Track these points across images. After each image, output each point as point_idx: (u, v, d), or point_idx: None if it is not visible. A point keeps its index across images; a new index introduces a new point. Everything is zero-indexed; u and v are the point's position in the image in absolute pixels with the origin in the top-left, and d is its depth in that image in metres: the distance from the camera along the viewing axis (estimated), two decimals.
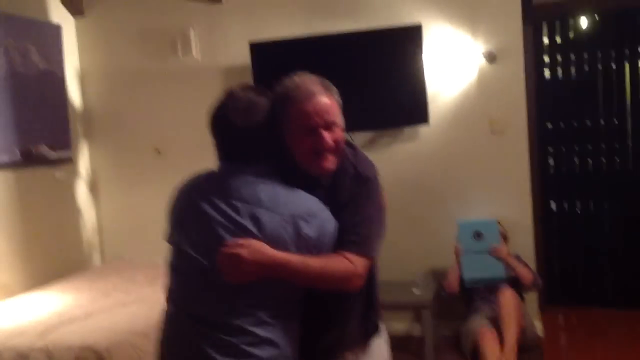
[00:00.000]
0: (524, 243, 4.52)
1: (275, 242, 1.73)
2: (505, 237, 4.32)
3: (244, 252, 1.73)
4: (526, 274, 4.13)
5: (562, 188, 5.16)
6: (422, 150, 4.69)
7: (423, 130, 4.65)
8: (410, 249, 4.70)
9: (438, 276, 4.51)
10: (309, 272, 1.80)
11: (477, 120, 4.58)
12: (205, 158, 4.62)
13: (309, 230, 1.77)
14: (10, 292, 4.13)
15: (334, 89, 1.95)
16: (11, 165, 4.32)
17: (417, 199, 4.71)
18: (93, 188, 5.20)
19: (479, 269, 4.17)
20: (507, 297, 3.97)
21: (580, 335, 4.60)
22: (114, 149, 5.21)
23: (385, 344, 2.20)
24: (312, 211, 1.81)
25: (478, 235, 4.19)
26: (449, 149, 4.65)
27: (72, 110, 5.01)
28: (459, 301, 4.31)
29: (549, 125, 5.10)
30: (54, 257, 4.62)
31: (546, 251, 4.95)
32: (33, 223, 4.47)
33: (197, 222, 1.80)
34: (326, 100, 1.89)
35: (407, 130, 4.68)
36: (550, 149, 5.14)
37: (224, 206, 1.76)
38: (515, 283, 4.13)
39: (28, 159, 4.42)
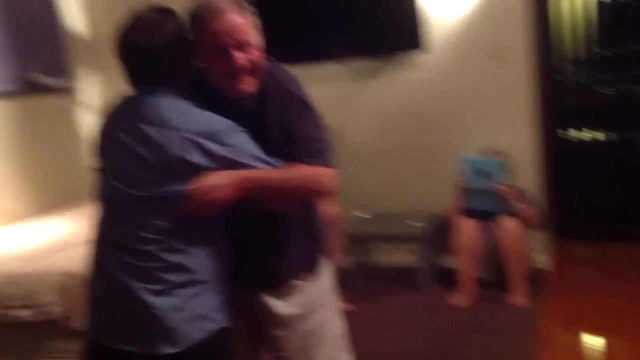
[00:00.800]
0: (528, 175, 4.43)
1: (182, 162, 1.71)
2: (508, 170, 4.25)
3: (216, 180, 1.74)
4: (528, 213, 4.08)
5: (581, 117, 4.93)
6: (421, 79, 4.58)
7: (423, 58, 4.52)
8: (409, 181, 4.66)
9: (436, 207, 4.46)
10: (279, 182, 1.82)
11: (480, 46, 4.43)
12: None
13: (216, 149, 1.74)
14: (12, 219, 4.24)
15: (249, 7, 1.87)
16: (8, 94, 4.35)
17: (416, 129, 4.64)
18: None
19: (479, 202, 4.13)
20: (508, 228, 3.96)
21: (592, 270, 4.54)
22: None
23: (328, 272, 2.20)
24: (219, 129, 1.77)
25: (481, 172, 4.12)
26: (450, 76, 4.53)
27: (77, 38, 4.99)
28: None
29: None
30: (55, 185, 4.69)
31: (560, 183, 4.79)
32: (35, 151, 4.52)
33: (113, 149, 1.81)
34: (237, 18, 1.81)
35: (406, 58, 4.56)
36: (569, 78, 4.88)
37: (133, 130, 1.75)
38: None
39: (26, 87, 4.44)
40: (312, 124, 1.93)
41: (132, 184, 1.75)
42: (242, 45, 1.82)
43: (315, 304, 2.11)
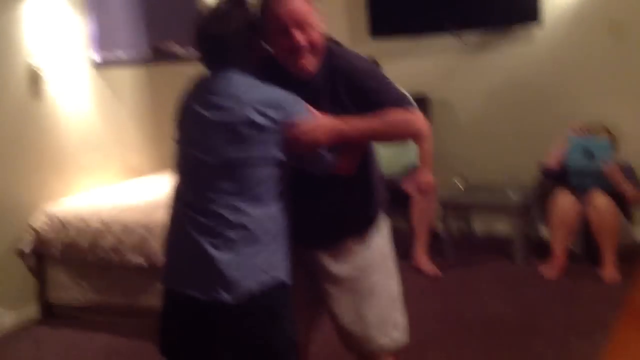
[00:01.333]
0: (636, 152, 4.34)
1: (246, 124, 1.92)
2: (615, 149, 4.19)
3: (320, 120, 1.98)
4: (631, 192, 4.04)
5: None
6: (534, 51, 4.58)
7: (537, 31, 4.51)
8: (512, 152, 4.72)
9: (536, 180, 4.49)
10: (373, 125, 2.02)
11: (596, 21, 4.37)
12: None
13: (275, 114, 1.93)
14: (138, 173, 4.75)
15: None
16: (141, 61, 4.82)
17: (525, 102, 4.66)
18: None
19: (583, 181, 4.15)
20: (600, 204, 3.96)
21: None
22: None
23: (384, 237, 2.34)
24: (278, 98, 1.96)
25: (588, 153, 4.11)
26: (564, 51, 4.51)
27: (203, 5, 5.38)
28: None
29: None
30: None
31: None
32: (161, 114, 4.98)
33: (189, 121, 2.06)
34: (298, 3, 2.00)
35: (520, 32, 4.57)
36: None
37: (205, 102, 2.01)
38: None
39: (157, 55, 4.89)
40: (386, 83, 2.11)
41: (204, 150, 2.00)
42: (302, 26, 2.00)
43: (368, 266, 2.25)
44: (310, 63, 2.04)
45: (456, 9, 4.60)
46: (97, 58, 4.57)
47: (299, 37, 2.00)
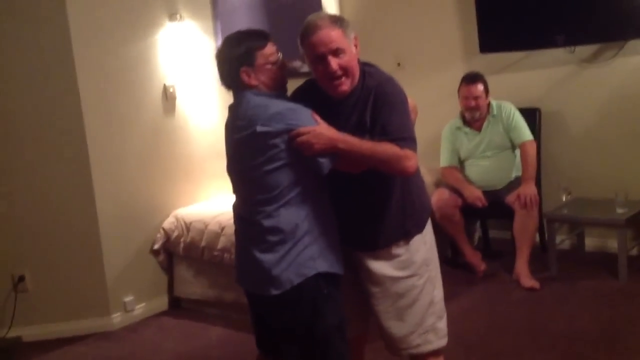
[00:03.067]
0: None
1: (257, 137, 2.21)
2: None
3: (321, 130, 2.20)
4: None
5: None
6: None
7: None
8: (622, 167, 4.63)
9: None
10: (363, 148, 2.22)
11: None
12: (440, 72, 5.07)
13: (281, 126, 2.19)
14: None
15: (343, 21, 2.27)
16: None
17: (637, 115, 4.54)
18: None
19: None
20: None
21: None
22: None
23: (427, 243, 2.50)
24: (283, 110, 2.22)
25: None
26: None
27: None
28: None
29: None
30: None
31: None
32: None
33: (228, 144, 2.40)
34: (329, 31, 2.22)
35: (633, 43, 4.48)
36: None
37: (232, 122, 2.35)
38: None
39: None
40: (403, 118, 2.29)
41: (237, 168, 2.36)
42: (334, 52, 2.24)
43: (410, 270, 2.43)
44: (345, 84, 2.28)
45: (567, 24, 4.59)
46: None
47: (333, 63, 2.23)
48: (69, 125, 4.14)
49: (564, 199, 4.56)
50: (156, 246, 4.53)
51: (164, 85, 4.61)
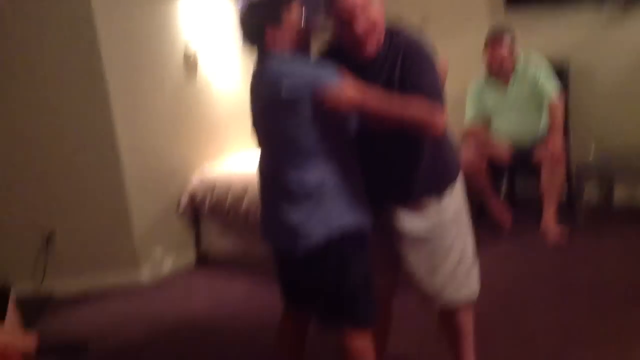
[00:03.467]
0: None
1: (281, 101, 2.19)
2: None
3: (345, 85, 2.16)
4: None
5: None
6: None
7: None
8: None
9: None
10: (392, 103, 2.16)
11: None
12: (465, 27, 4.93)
13: (303, 86, 2.16)
14: None
15: None
16: None
17: None
18: None
19: None
20: None
21: None
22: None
23: (458, 196, 2.50)
24: (303, 74, 2.18)
25: None
26: None
27: None
28: None
29: None
30: None
31: None
32: None
33: (253, 105, 2.38)
34: None
35: None
36: None
37: (257, 84, 2.32)
38: None
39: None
40: (432, 79, 2.23)
41: (262, 130, 2.36)
42: (362, 9, 2.16)
43: (441, 224, 2.42)
44: (371, 46, 2.22)
45: None
46: None
47: (360, 26, 2.17)
48: (93, 90, 4.15)
49: (592, 152, 4.50)
50: (182, 204, 4.57)
51: (186, 47, 4.61)
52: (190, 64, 4.64)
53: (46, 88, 4.16)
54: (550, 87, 4.39)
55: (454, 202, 2.49)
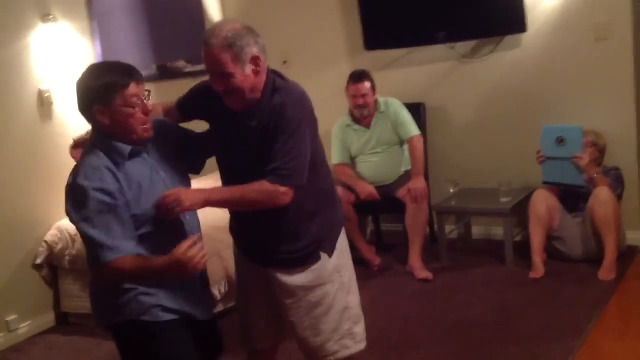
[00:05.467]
0: (625, 157, 4.43)
1: None
2: (598, 148, 4.27)
3: (182, 196, 2.15)
4: (603, 183, 4.10)
5: None
6: (523, 58, 4.68)
7: (525, 37, 4.62)
8: (503, 156, 4.84)
9: (529, 182, 4.60)
10: (233, 196, 2.25)
11: (581, 26, 4.44)
12: (326, 69, 5.05)
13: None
14: None
15: (238, 43, 2.16)
16: (148, 79, 5.06)
17: (515, 108, 4.77)
18: None
19: (559, 174, 4.21)
20: (601, 197, 4.05)
21: None
22: None
23: (338, 250, 2.48)
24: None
25: (560, 141, 4.15)
26: (551, 56, 4.59)
27: (210, 24, 5.62)
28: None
29: None
30: None
31: None
32: None
33: None
34: (218, 54, 2.16)
35: (510, 38, 4.67)
36: None
37: None
38: None
39: (164, 73, 5.15)
40: (293, 146, 2.22)
41: None
42: (220, 76, 2.20)
43: (320, 280, 2.41)
44: (232, 102, 2.24)
45: (447, 22, 4.73)
46: None
47: (216, 84, 2.22)
48: None
49: (451, 191, 4.70)
50: (39, 260, 4.27)
51: (39, 90, 4.34)
52: (44, 105, 4.38)
53: None
54: (411, 124, 4.57)
55: (336, 253, 2.47)
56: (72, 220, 2.12)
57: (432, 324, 3.74)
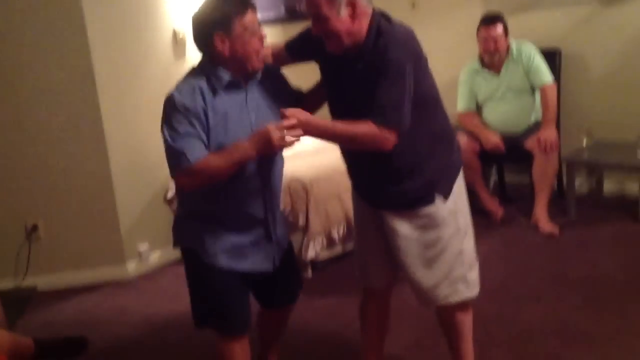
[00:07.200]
0: None
1: None
2: None
3: (300, 116, 2.18)
4: None
5: None
6: None
7: None
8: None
9: None
10: (336, 131, 2.22)
11: None
12: (456, 12, 4.93)
13: None
14: None
15: None
16: (277, 21, 5.12)
17: None
18: None
19: None
20: None
21: None
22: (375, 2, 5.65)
23: (454, 194, 2.42)
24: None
25: None
26: None
27: None
28: None
29: None
30: None
31: None
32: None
33: None
34: None
35: None
36: None
37: None
38: None
39: (292, 15, 5.17)
40: (394, 89, 2.17)
41: None
42: (316, 18, 2.19)
43: (435, 223, 2.36)
44: (333, 45, 2.22)
45: None
46: None
47: (315, 27, 2.21)
48: (78, 73, 4.04)
49: (584, 143, 4.46)
50: (169, 194, 4.47)
51: (174, 30, 4.48)
52: (178, 44, 4.51)
53: (32, 82, 4.04)
54: (545, 71, 4.35)
55: (451, 197, 2.41)
56: (161, 128, 2.24)
57: (555, 278, 3.61)
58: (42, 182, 4.14)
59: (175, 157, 2.18)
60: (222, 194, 2.29)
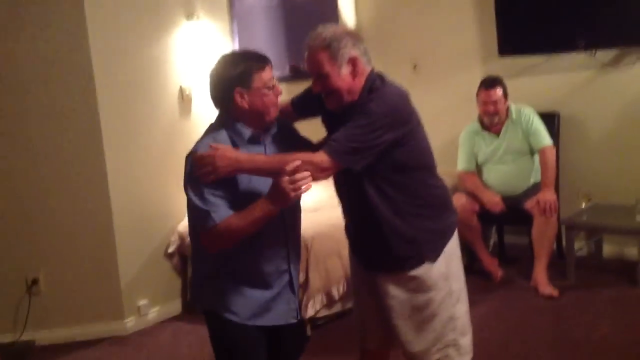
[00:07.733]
0: None
1: None
2: None
3: (218, 153, 2.16)
4: None
5: None
6: None
7: None
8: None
9: None
10: (272, 163, 2.19)
11: None
12: (457, 74, 5.03)
13: None
14: None
15: (334, 44, 2.22)
16: (282, 80, 5.21)
17: None
18: None
19: None
20: None
21: None
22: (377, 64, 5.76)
23: (447, 257, 2.42)
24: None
25: None
26: None
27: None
28: None
29: None
30: None
31: None
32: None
33: None
34: (315, 54, 2.25)
35: None
36: None
37: None
38: None
39: (296, 74, 5.27)
40: (358, 131, 2.20)
41: None
42: (317, 76, 2.27)
43: (425, 286, 2.37)
44: (331, 104, 2.30)
45: (589, 27, 4.54)
46: None
47: (315, 85, 2.30)
48: (85, 126, 4.11)
49: (583, 206, 4.51)
50: (171, 249, 4.50)
51: (180, 87, 4.57)
52: (184, 101, 4.60)
53: (40, 140, 4.11)
54: (544, 133, 4.42)
55: (442, 260, 2.41)
56: (184, 186, 2.25)
57: (555, 341, 3.60)
58: (45, 236, 4.17)
59: (201, 217, 2.16)
60: (246, 251, 2.27)
